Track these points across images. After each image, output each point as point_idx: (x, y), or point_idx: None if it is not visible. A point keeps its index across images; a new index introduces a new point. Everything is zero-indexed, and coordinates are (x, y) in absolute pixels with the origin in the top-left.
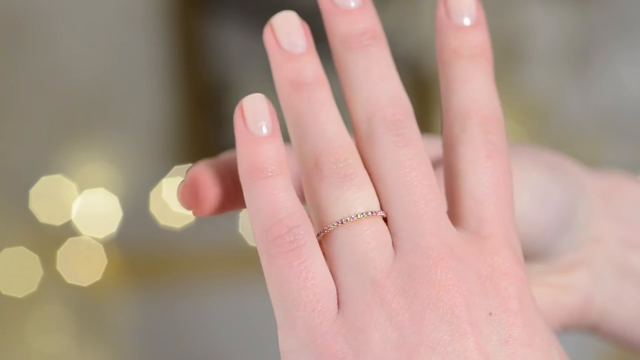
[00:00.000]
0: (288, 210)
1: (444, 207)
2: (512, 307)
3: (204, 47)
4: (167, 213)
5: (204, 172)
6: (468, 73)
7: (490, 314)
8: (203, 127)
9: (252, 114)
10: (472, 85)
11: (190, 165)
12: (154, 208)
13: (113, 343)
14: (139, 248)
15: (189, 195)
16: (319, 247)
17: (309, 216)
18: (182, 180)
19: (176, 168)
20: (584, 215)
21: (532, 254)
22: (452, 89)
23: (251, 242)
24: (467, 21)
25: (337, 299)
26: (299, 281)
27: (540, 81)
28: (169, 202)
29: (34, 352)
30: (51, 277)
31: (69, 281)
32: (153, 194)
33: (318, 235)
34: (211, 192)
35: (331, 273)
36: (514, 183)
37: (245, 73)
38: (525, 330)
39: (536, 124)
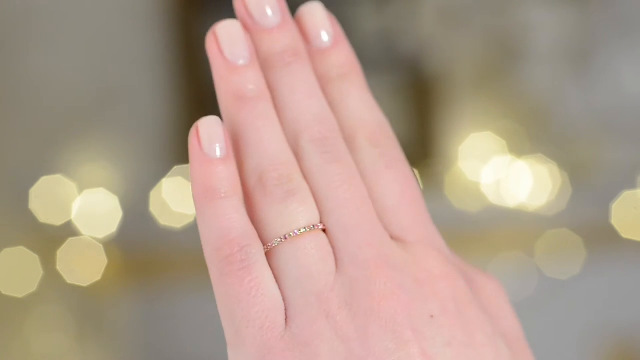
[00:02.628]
0: (239, 230)
1: (376, 217)
2: (450, 309)
3: (204, 47)
4: (167, 213)
5: None
6: (342, 93)
7: (432, 316)
8: None
9: (207, 137)
10: (349, 104)
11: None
12: (154, 208)
13: (113, 343)
14: (139, 248)
15: None
16: (267, 265)
17: None
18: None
19: (176, 168)
20: None
21: None
22: (334, 113)
23: None
24: (326, 40)
25: (285, 314)
26: (249, 298)
27: (540, 81)
28: (169, 202)
29: (34, 352)
30: (51, 277)
31: (69, 281)
32: (153, 194)
33: (267, 249)
34: None
35: (279, 288)
36: None
37: None
38: (466, 330)
39: (536, 124)
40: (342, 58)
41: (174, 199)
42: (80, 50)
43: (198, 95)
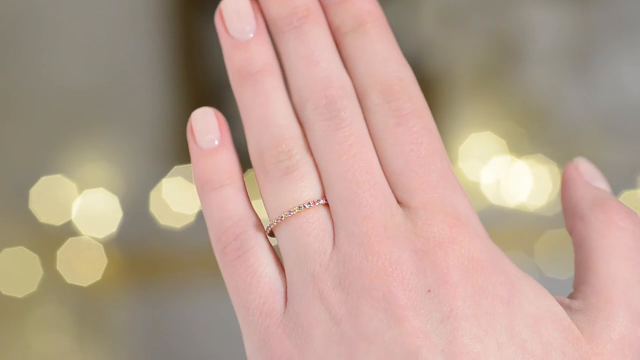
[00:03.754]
0: (234, 218)
1: (380, 185)
2: (451, 279)
3: (204, 46)
4: (167, 213)
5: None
6: (357, 48)
7: (429, 291)
8: None
9: (201, 129)
10: (364, 60)
11: (190, 164)
12: (154, 208)
13: (113, 343)
14: (139, 248)
15: None
16: (267, 249)
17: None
18: None
19: (176, 168)
20: None
21: None
22: (347, 69)
23: None
24: None
25: (285, 295)
26: (245, 287)
27: (540, 81)
28: (169, 202)
29: (34, 352)
30: (51, 277)
31: (69, 281)
32: (153, 194)
33: (267, 232)
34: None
35: (283, 269)
36: None
37: None
38: (468, 301)
39: (536, 124)
40: (358, 7)
41: (174, 199)
42: (80, 50)
43: (198, 95)
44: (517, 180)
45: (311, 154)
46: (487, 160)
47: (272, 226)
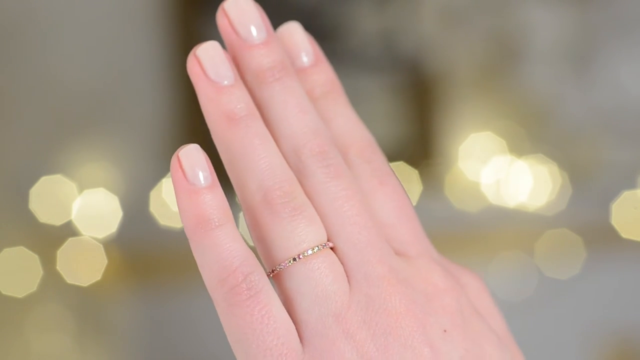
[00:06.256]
0: (240, 258)
1: (381, 232)
2: (461, 322)
3: None
4: (167, 213)
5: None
6: (329, 111)
7: (445, 331)
8: (203, 127)
9: (190, 166)
10: (337, 122)
11: None
12: (154, 208)
13: (113, 343)
14: (139, 248)
15: None
16: (273, 290)
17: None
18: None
19: None
20: None
21: None
22: None
23: (251, 242)
24: (306, 61)
25: (300, 335)
26: (262, 327)
27: (540, 81)
28: (169, 202)
29: (34, 352)
30: (51, 277)
31: (69, 281)
32: (153, 194)
33: (271, 272)
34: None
35: (289, 310)
36: None
37: None
38: (476, 342)
39: (536, 124)
40: (324, 76)
41: (174, 199)
42: (80, 51)
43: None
44: (517, 180)
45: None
46: (487, 160)
47: (284, 267)
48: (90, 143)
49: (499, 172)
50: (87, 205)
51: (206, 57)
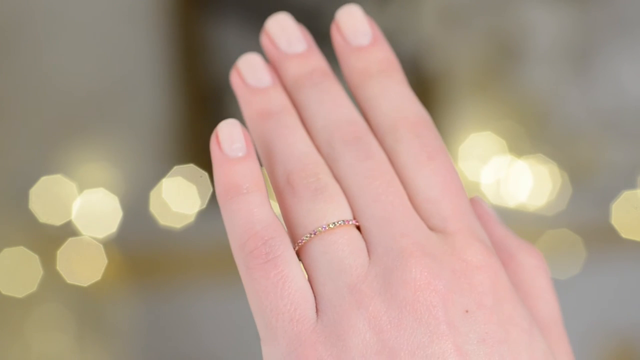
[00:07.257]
0: (263, 223)
1: (412, 210)
2: (487, 303)
3: (204, 47)
4: (167, 213)
5: None
6: (383, 87)
7: (467, 311)
8: (203, 127)
9: (227, 138)
10: (390, 97)
11: (190, 164)
12: (154, 208)
13: (113, 343)
14: (139, 248)
15: None
16: (295, 257)
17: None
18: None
19: (176, 168)
20: None
21: None
22: (372, 106)
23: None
24: (365, 40)
25: (316, 307)
26: (276, 291)
27: (540, 81)
28: (169, 202)
29: (34, 352)
30: (51, 277)
31: (69, 281)
32: (153, 194)
33: (296, 251)
34: None
35: (310, 284)
36: None
37: None
38: (501, 327)
39: (536, 124)
40: (381, 55)
41: (174, 199)
42: (80, 51)
43: (198, 95)
44: (517, 180)
45: (337, 181)
46: (487, 160)
47: (303, 241)
48: (90, 143)
49: (499, 172)
50: (87, 205)
51: (244, 66)
